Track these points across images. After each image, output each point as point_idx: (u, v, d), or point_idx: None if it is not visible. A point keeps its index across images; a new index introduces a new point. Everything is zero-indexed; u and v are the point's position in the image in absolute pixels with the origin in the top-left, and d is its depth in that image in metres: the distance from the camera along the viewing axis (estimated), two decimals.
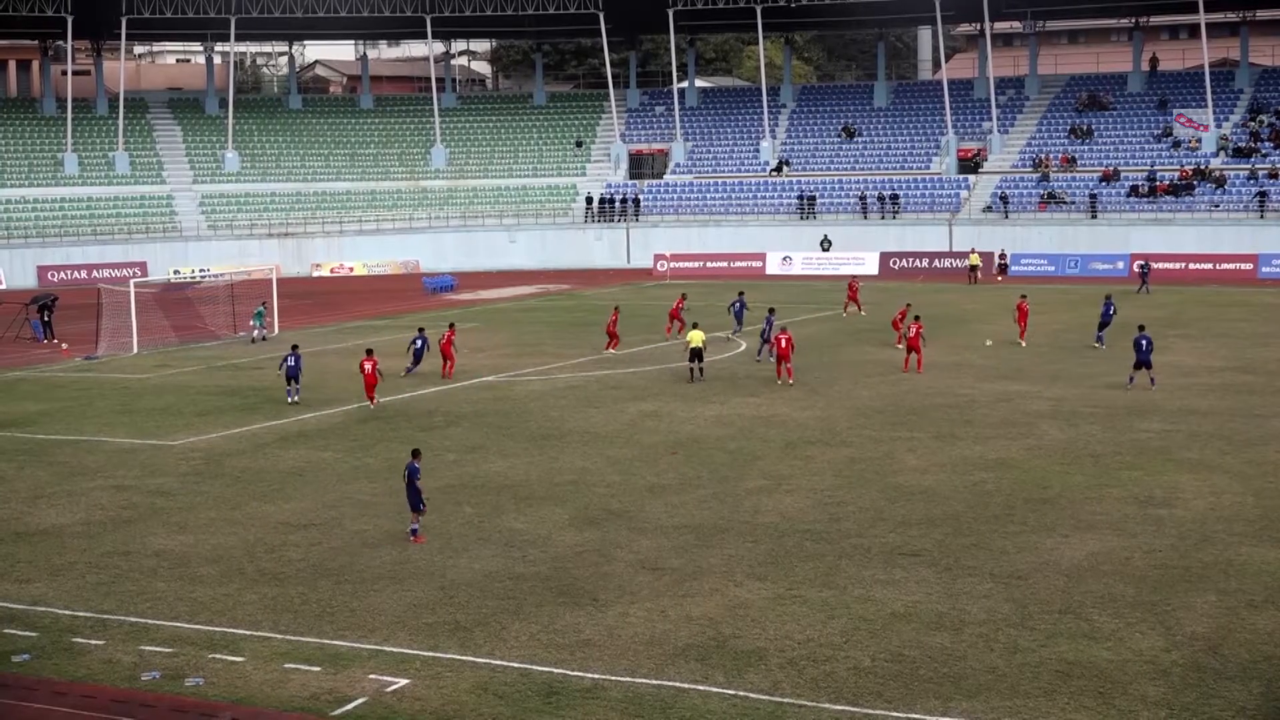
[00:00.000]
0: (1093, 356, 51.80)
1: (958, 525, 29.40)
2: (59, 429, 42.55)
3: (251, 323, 62.43)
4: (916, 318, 50.54)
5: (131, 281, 64.30)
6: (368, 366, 44.13)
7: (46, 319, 64.58)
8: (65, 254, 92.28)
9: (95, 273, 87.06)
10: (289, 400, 45.58)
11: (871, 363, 51.64)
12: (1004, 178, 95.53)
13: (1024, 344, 55.05)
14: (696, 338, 47.79)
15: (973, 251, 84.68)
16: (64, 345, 61.39)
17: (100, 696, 21.27)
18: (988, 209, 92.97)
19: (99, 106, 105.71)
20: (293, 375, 45.69)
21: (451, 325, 53.04)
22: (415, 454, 29.88)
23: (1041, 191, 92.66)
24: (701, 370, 48.17)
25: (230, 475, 35.86)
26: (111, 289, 63.74)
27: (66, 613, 25.09)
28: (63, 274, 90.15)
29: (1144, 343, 45.14)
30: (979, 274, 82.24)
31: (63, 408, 46.41)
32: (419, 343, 50.76)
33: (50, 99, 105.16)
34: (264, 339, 61.53)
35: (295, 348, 47.02)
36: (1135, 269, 76.84)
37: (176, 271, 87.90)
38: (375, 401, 44.45)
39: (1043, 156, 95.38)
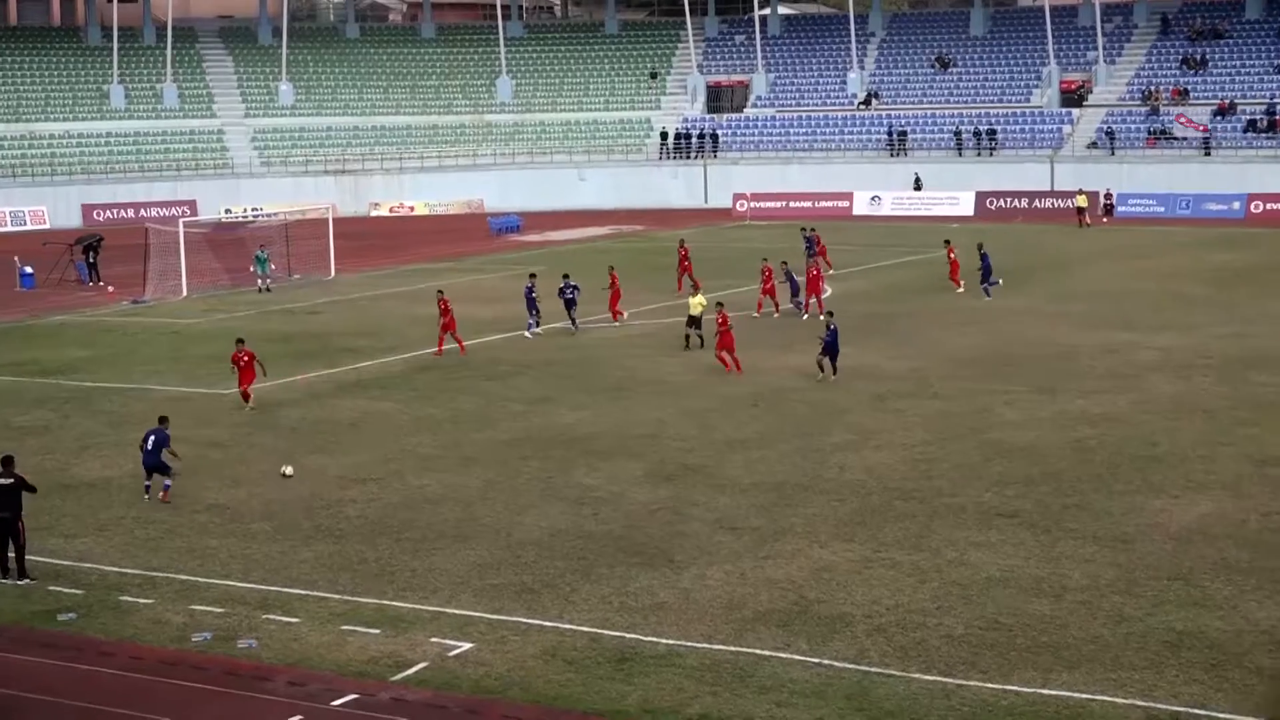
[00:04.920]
0: (1203, 305, 51.15)
1: (1058, 484, 29.18)
2: (105, 376, 43.01)
3: (254, 269, 61.25)
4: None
5: (180, 221, 64.80)
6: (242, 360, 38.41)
7: (92, 260, 65.22)
8: (111, 192, 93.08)
9: (142, 211, 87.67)
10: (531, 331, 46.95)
11: (966, 309, 51.25)
12: (1110, 111, 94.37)
13: (961, 288, 54.96)
14: (696, 304, 46.09)
15: (1080, 192, 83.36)
16: (110, 288, 61.99)
17: (148, 658, 21.51)
18: (1092, 145, 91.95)
19: (146, 36, 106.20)
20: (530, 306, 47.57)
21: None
22: (163, 420, 30.18)
23: (1152, 127, 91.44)
24: (701, 338, 45.23)
25: (284, 426, 36.13)
26: (159, 229, 64.21)
27: (114, 569, 25.41)
28: (109, 213, 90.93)
29: (831, 330, 40.06)
30: (1086, 216, 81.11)
31: (109, 354, 46.91)
32: (568, 291, 48.63)
33: (95, 28, 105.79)
34: (268, 289, 60.14)
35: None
36: None
37: (228, 210, 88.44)
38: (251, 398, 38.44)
39: (1152, 89, 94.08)
